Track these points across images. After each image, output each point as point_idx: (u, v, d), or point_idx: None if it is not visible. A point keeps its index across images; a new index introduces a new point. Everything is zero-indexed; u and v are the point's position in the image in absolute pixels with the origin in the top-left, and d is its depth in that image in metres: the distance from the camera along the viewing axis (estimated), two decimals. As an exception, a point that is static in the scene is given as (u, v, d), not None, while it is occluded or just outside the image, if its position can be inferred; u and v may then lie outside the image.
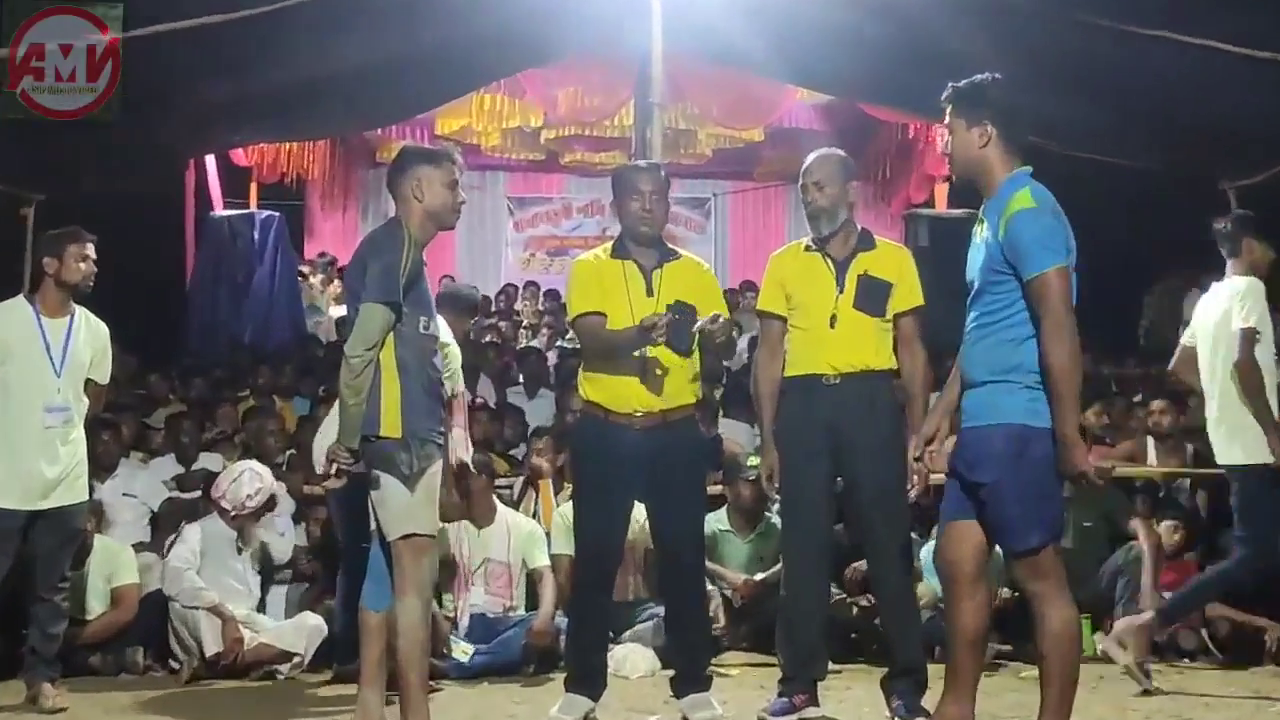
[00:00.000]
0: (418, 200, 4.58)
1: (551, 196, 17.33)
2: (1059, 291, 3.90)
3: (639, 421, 5.01)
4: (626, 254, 5.13)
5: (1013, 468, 3.94)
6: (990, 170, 4.10)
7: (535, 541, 6.75)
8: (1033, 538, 3.97)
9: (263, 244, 12.31)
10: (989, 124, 4.07)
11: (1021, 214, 3.96)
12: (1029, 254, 3.92)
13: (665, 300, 5.02)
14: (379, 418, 4.44)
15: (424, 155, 4.68)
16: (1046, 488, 3.98)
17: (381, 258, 4.46)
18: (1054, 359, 3.88)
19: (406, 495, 4.43)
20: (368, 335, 4.40)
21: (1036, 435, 3.94)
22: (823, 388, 5.00)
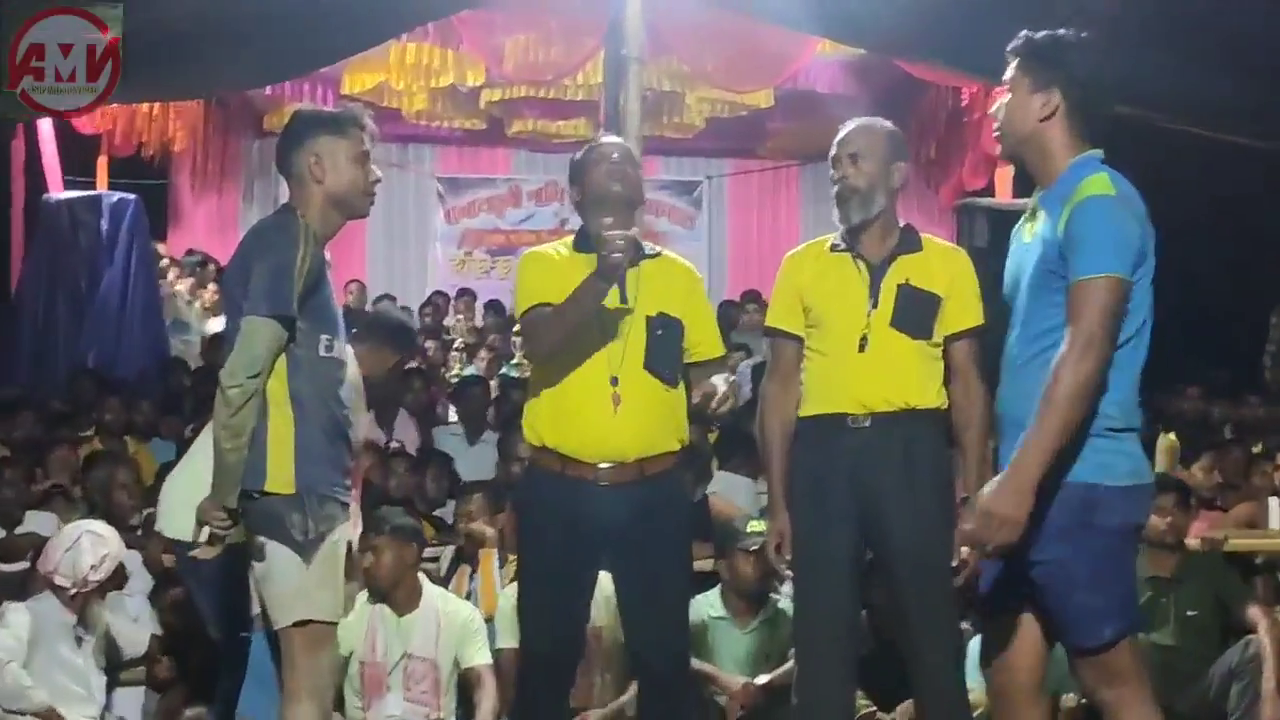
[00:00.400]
0: (316, 181, 4.59)
1: (494, 178, 17.40)
2: (1105, 306, 3.94)
3: (606, 475, 4.98)
4: (591, 247, 5.01)
5: (1078, 541, 3.97)
6: (1049, 150, 4.16)
7: (472, 633, 6.73)
8: (1105, 630, 4.01)
9: (113, 236, 12.27)
10: (1058, 90, 4.12)
11: (1095, 200, 4.00)
12: (1086, 249, 3.96)
13: (643, 310, 5.00)
14: (264, 468, 4.45)
15: (322, 121, 4.69)
16: (1120, 565, 4.04)
17: (269, 257, 4.46)
18: (1063, 381, 3.91)
19: (300, 569, 4.44)
20: (251, 359, 4.41)
21: (1107, 498, 3.99)
22: (848, 431, 4.99)
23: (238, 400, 4.38)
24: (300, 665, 4.45)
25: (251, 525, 4.48)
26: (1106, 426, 4.01)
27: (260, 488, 4.44)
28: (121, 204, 12.45)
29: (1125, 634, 4.03)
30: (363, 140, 4.66)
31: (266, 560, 4.46)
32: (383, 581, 6.56)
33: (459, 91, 15.30)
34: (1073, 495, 3.98)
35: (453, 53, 14.36)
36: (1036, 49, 4.18)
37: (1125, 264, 3.97)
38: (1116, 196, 4.02)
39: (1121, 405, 4.07)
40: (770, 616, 6.92)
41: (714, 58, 13.75)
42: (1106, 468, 4.00)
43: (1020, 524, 3.91)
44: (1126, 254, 3.98)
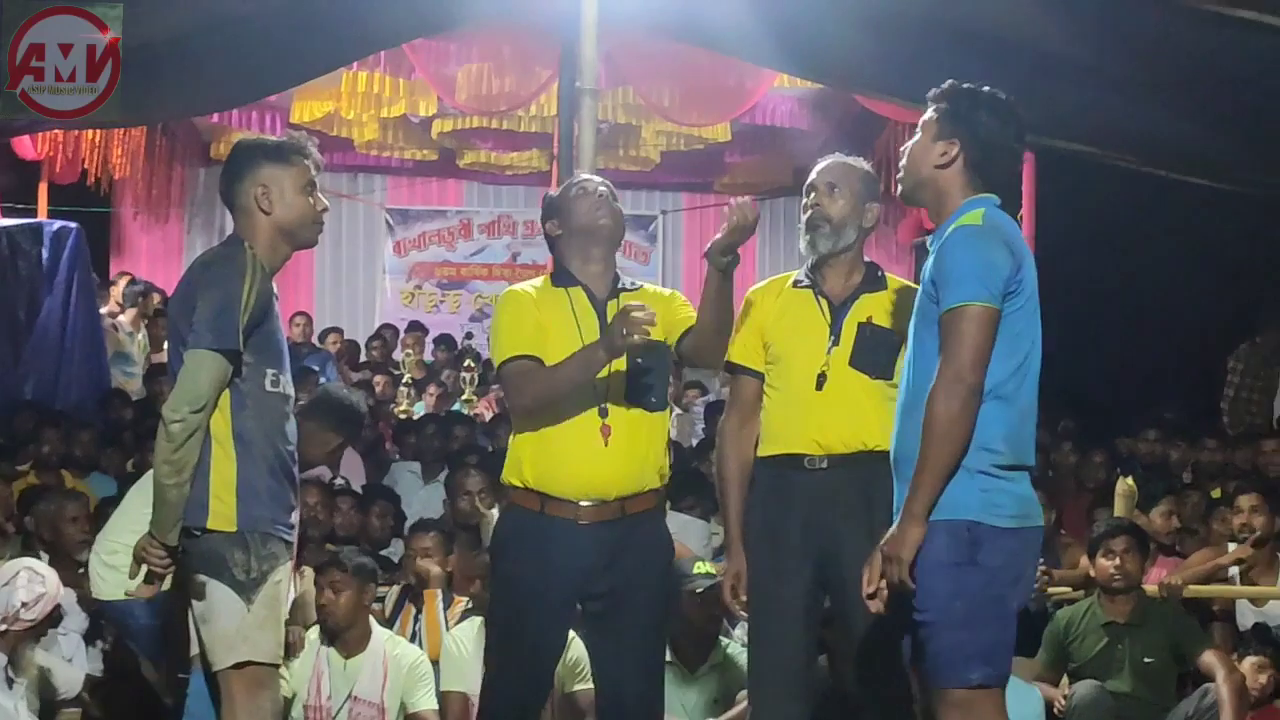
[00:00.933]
0: (264, 212, 4.58)
1: (445, 209, 17.36)
2: (974, 336, 3.99)
3: (587, 513, 4.92)
4: (572, 279, 5.05)
5: (958, 577, 4.00)
6: (944, 194, 4.25)
7: (419, 678, 6.70)
8: (972, 673, 4.02)
9: (54, 265, 12.18)
10: (959, 143, 4.21)
11: (959, 231, 4.09)
12: (952, 279, 4.03)
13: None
14: (207, 504, 4.41)
15: (266, 151, 4.67)
16: (999, 611, 4.05)
17: (215, 290, 4.44)
18: (936, 413, 3.97)
19: (241, 609, 4.41)
20: (195, 394, 4.37)
21: (991, 537, 4.02)
22: (805, 473, 4.97)
23: (180, 435, 4.35)
24: (240, 707, 4.42)
25: (192, 564, 4.44)
26: (994, 463, 4.04)
27: (202, 525, 4.41)
28: (63, 232, 12.35)
29: (992, 683, 4.05)
30: (308, 169, 4.64)
31: (206, 600, 4.43)
32: (340, 621, 6.53)
33: (410, 121, 15.29)
34: (957, 531, 4.01)
35: (405, 82, 14.36)
36: (951, 99, 4.27)
37: (990, 292, 4.02)
38: (983, 227, 4.10)
39: (1009, 440, 4.10)
40: (719, 662, 6.89)
41: (670, 91, 13.79)
42: (993, 506, 4.04)
43: (905, 560, 3.96)
44: (992, 282, 4.03)
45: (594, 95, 8.64)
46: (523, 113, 14.31)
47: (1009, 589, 4.07)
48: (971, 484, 4.03)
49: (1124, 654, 7.00)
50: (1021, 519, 4.11)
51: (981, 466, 4.04)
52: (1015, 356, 4.12)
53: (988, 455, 4.05)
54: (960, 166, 4.21)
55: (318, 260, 16.31)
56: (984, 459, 4.04)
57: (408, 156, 16.29)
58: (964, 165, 4.21)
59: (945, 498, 4.01)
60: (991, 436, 4.04)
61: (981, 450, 4.04)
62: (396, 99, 14.54)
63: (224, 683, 4.45)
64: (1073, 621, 7.14)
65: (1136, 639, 6.98)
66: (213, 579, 4.42)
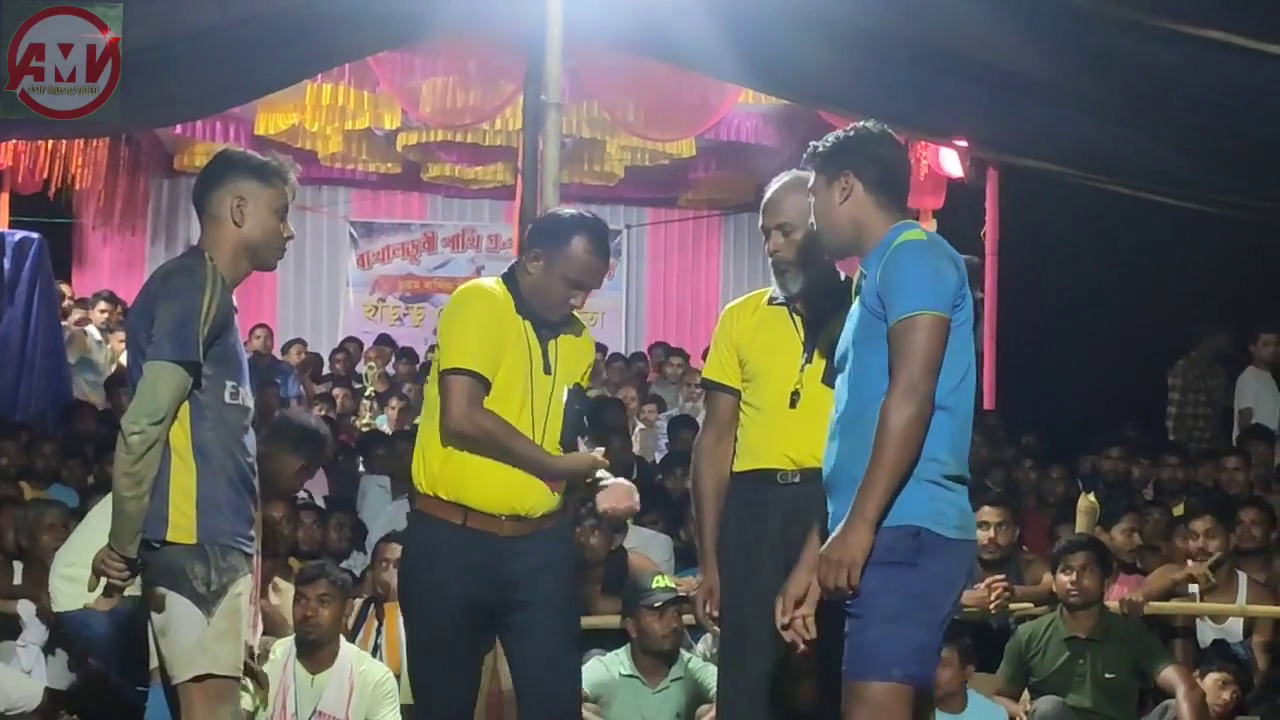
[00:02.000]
0: (235, 224, 4.57)
1: (409, 223, 17.36)
2: (926, 344, 4.05)
3: (508, 529, 4.99)
4: (528, 311, 5.08)
5: (895, 576, 4.03)
6: (864, 223, 4.31)
7: (384, 695, 6.68)
8: (894, 669, 4.04)
9: (15, 275, 12.14)
10: (851, 173, 4.30)
11: (906, 245, 4.17)
12: (903, 290, 4.09)
13: (562, 380, 5.05)
14: (166, 516, 4.40)
15: (252, 167, 4.66)
16: (930, 614, 4.09)
17: (175, 301, 4.43)
18: (889, 422, 4.02)
19: (201, 622, 4.40)
20: (155, 405, 4.36)
21: (934, 545, 4.07)
22: (778, 488, 4.99)
23: (139, 447, 4.34)
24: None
25: (151, 576, 4.43)
26: (942, 473, 4.11)
27: (161, 537, 4.40)
28: (25, 243, 12.31)
29: (911, 683, 4.08)
30: (284, 195, 4.65)
31: (166, 612, 4.42)
32: (324, 635, 6.54)
33: (375, 134, 15.28)
34: (902, 536, 4.05)
35: (369, 94, 14.35)
36: (825, 148, 4.38)
37: (941, 302, 4.09)
38: (928, 241, 4.20)
39: (954, 452, 4.17)
40: (681, 675, 6.90)
41: (635, 106, 13.82)
42: (939, 515, 4.09)
43: (858, 565, 4.00)
44: (942, 292, 4.10)
45: (559, 109, 8.64)
46: (487, 126, 14.31)
47: (943, 595, 4.12)
48: (921, 493, 4.08)
49: (1085, 669, 7.02)
50: (962, 531, 4.18)
51: (930, 476, 4.10)
52: (958, 369, 4.18)
53: (935, 465, 4.10)
54: (863, 192, 4.30)
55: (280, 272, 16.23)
56: (932, 469, 4.10)
57: (372, 169, 16.28)
58: (866, 189, 4.29)
59: (894, 505, 4.07)
60: (937, 447, 4.10)
61: (929, 460, 4.09)
62: (361, 112, 14.52)
63: (184, 695, 4.43)
64: (1034, 636, 7.16)
65: (1098, 654, 7.01)
66: (172, 591, 4.40)
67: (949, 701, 6.57)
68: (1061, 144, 9.07)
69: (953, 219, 13.60)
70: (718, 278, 17.36)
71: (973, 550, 4.30)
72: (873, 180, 4.30)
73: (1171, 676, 7.03)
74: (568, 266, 5.04)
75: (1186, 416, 11.78)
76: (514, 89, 11.96)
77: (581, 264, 5.05)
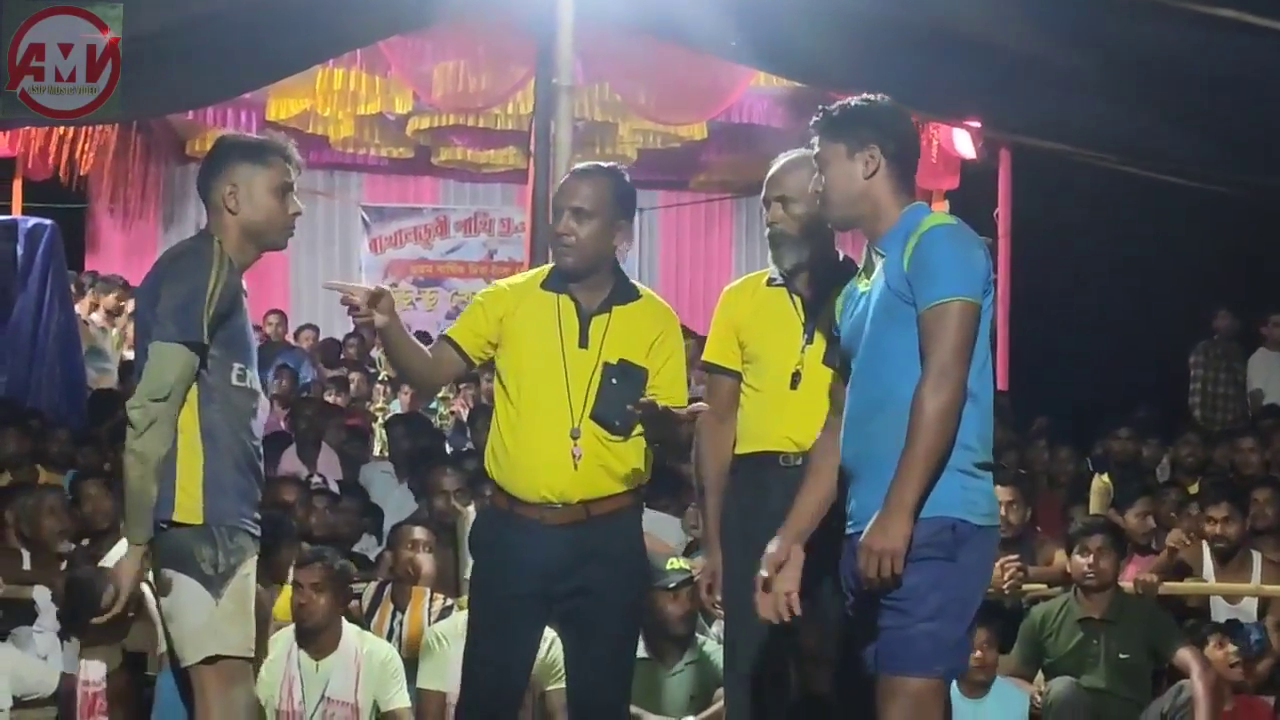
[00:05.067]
0: (230, 211, 4.55)
1: (421, 207, 17.36)
2: (960, 330, 4.02)
3: (551, 516, 4.92)
4: (562, 286, 4.99)
5: (936, 572, 4.02)
6: (881, 203, 4.25)
7: (391, 674, 6.69)
8: (937, 664, 4.05)
9: (28, 262, 12.14)
10: (876, 147, 4.22)
11: (939, 228, 4.12)
12: (935, 276, 4.04)
13: (603, 356, 4.93)
14: (173, 498, 4.39)
15: (244, 149, 4.64)
16: (967, 608, 4.10)
17: (181, 282, 4.43)
18: (925, 409, 3.98)
19: (210, 604, 4.39)
20: (158, 383, 4.36)
21: (970, 535, 4.06)
22: (781, 470, 4.97)
23: (141, 422, 4.34)
24: (214, 703, 4.40)
25: (159, 558, 4.43)
26: (972, 462, 4.09)
27: (169, 518, 4.39)
28: (38, 229, 12.30)
29: (950, 677, 4.12)
30: (286, 171, 4.61)
31: (174, 595, 4.42)
32: (319, 622, 6.53)
33: (386, 119, 15.27)
34: (941, 529, 4.03)
35: (380, 79, 14.34)
36: (846, 116, 4.28)
37: (973, 288, 4.06)
38: (959, 226, 4.16)
39: (981, 438, 4.15)
40: (696, 658, 6.90)
41: (647, 89, 13.80)
42: (972, 504, 4.08)
43: (900, 554, 3.96)
44: (974, 279, 4.07)
45: (570, 92, 8.65)
46: (499, 110, 14.31)
47: (978, 587, 4.14)
48: (954, 482, 4.06)
49: (1099, 650, 7.01)
50: (991, 517, 4.16)
51: (962, 465, 4.07)
52: (980, 355, 4.16)
53: (967, 453, 4.08)
54: (886, 171, 4.23)
55: (293, 258, 16.28)
56: (963, 457, 4.08)
57: (383, 154, 16.28)
58: (888, 168, 4.23)
59: (930, 495, 4.05)
60: (967, 434, 4.08)
61: (960, 449, 4.07)
62: (372, 96, 14.53)
63: (196, 679, 4.42)
64: (1048, 618, 7.15)
65: (1112, 635, 7.00)
66: (180, 573, 4.40)
67: (975, 686, 6.58)
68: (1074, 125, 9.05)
69: (965, 200, 13.59)
70: (730, 260, 17.34)
71: (998, 535, 4.28)
72: (894, 157, 4.24)
73: (1186, 657, 7.02)
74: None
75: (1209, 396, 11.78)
76: (525, 73, 11.96)
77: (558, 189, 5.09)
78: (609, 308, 4.98)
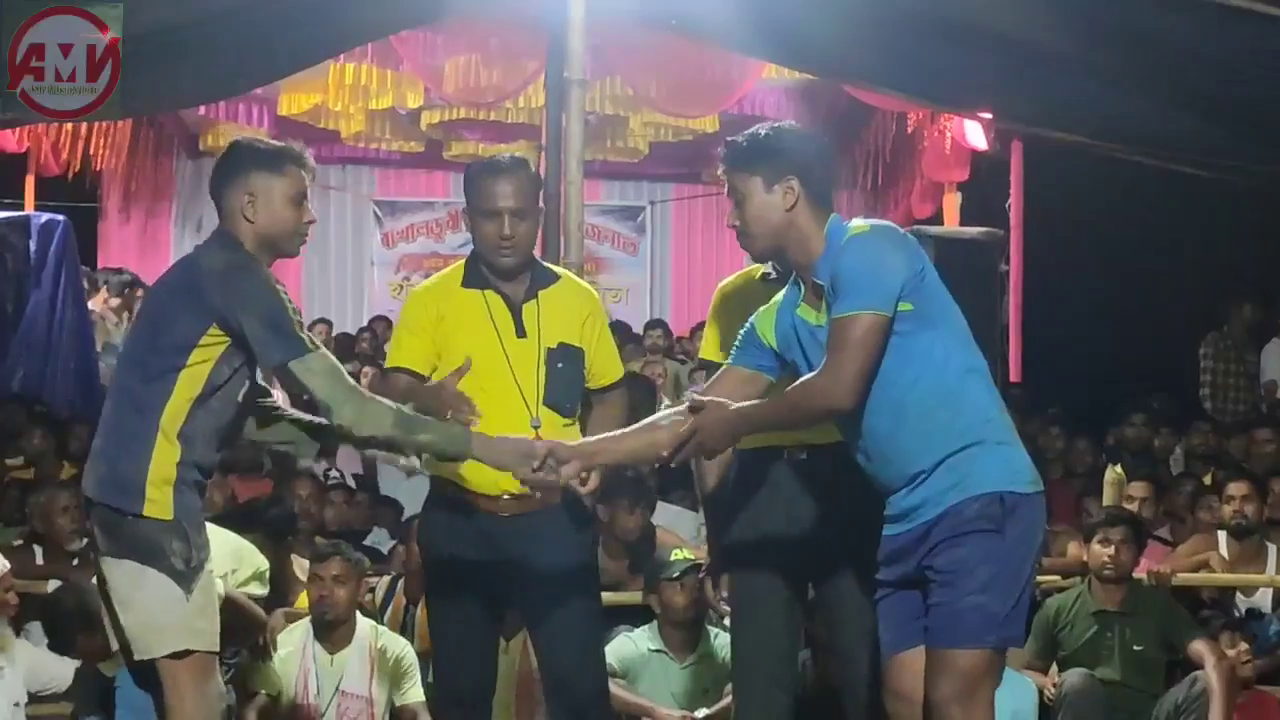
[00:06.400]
0: (248, 220, 4.53)
1: (433, 201, 17.34)
2: (862, 344, 4.09)
3: (508, 506, 4.97)
4: (485, 282, 5.05)
5: (985, 545, 4.07)
6: (805, 232, 4.31)
7: (405, 669, 6.71)
8: (989, 635, 4.09)
9: (41, 259, 12.16)
10: (795, 179, 4.29)
11: (851, 241, 4.19)
12: (847, 288, 4.12)
13: (543, 343, 5.00)
14: (143, 491, 4.38)
15: (261, 157, 4.59)
16: (1018, 578, 4.15)
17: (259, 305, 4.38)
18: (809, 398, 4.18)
19: (181, 598, 4.38)
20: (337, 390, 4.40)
21: (1015, 504, 4.11)
22: (785, 465, 5.00)
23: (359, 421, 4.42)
24: (189, 696, 4.40)
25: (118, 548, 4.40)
26: (1004, 429, 4.18)
27: (137, 511, 4.38)
28: (50, 225, 12.33)
29: (1005, 646, 4.18)
30: (301, 179, 4.58)
31: (136, 587, 4.39)
32: (340, 614, 6.56)
33: (398, 113, 15.26)
34: (990, 503, 4.09)
35: (392, 73, 14.32)
36: (757, 147, 4.37)
37: (880, 299, 4.10)
38: (872, 232, 4.21)
39: (999, 406, 4.25)
40: (708, 650, 6.91)
41: (659, 82, 13.78)
42: (1015, 474, 4.15)
43: (714, 449, 4.34)
44: (882, 289, 4.11)
45: (582, 86, 8.62)
46: (510, 104, 14.28)
47: (1028, 556, 4.18)
48: (994, 456, 4.13)
49: (1114, 642, 7.02)
50: (1035, 483, 4.23)
51: (997, 438, 4.15)
52: (957, 329, 4.25)
53: (994, 424, 4.17)
54: (806, 200, 4.29)
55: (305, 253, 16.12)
56: (994, 429, 4.16)
57: (395, 148, 16.26)
58: (808, 196, 4.29)
59: (971, 475, 4.12)
60: (987, 405, 4.18)
61: (986, 422, 4.16)
62: (384, 91, 14.50)
63: (167, 673, 4.41)
64: (1062, 609, 7.16)
65: (1126, 627, 7.00)
66: (147, 566, 4.37)
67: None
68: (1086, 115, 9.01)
69: (978, 191, 13.57)
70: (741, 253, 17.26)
71: (1043, 500, 4.30)
72: (814, 186, 4.31)
73: (1200, 649, 7.03)
74: (476, 212, 5.03)
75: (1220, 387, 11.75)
76: (537, 66, 11.94)
77: (481, 192, 5.02)
78: (534, 294, 5.05)
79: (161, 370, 4.43)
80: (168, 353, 4.44)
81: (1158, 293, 12.94)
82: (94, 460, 4.53)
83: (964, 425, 4.15)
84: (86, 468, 4.56)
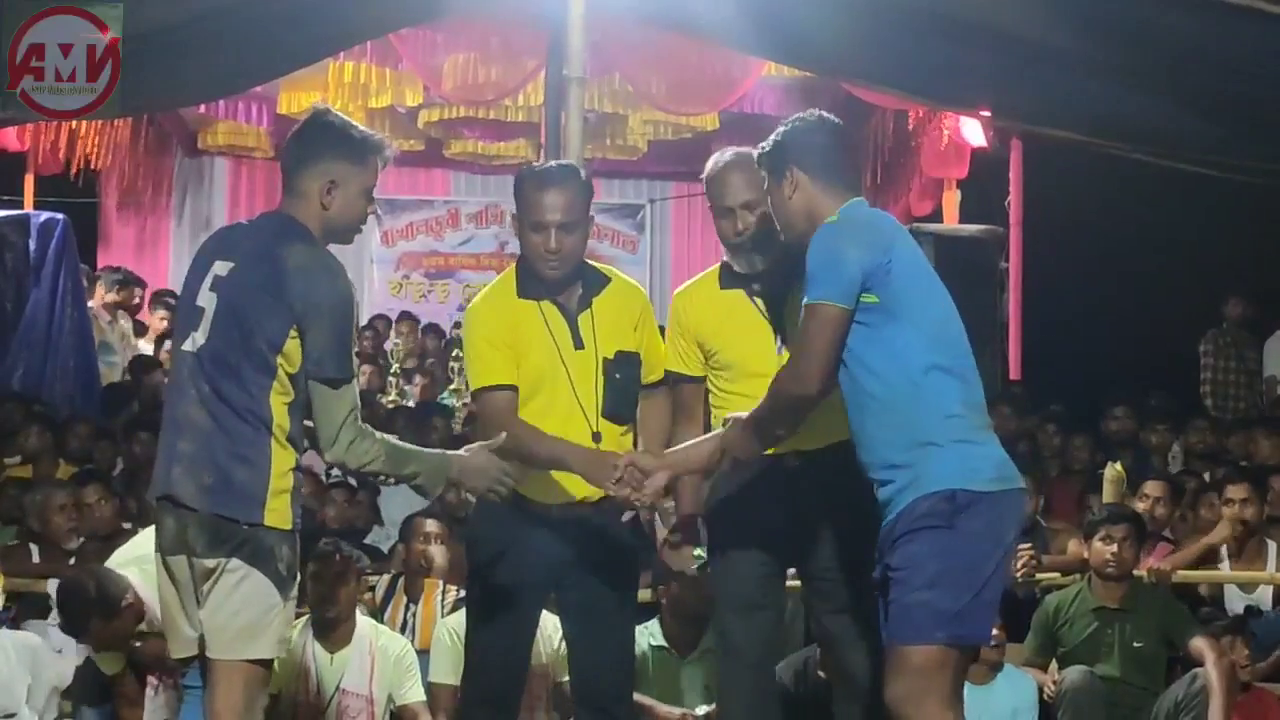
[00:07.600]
0: (323, 207, 4.43)
1: (433, 199, 17.33)
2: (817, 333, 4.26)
3: (557, 511, 4.99)
4: (540, 292, 5.00)
5: (933, 541, 4.11)
6: (813, 213, 4.43)
7: (405, 668, 6.71)
8: (938, 631, 4.10)
9: (41, 257, 12.15)
10: (794, 168, 4.45)
11: (821, 230, 4.33)
12: (809, 278, 4.28)
13: (602, 353, 4.98)
14: (264, 501, 4.29)
15: (348, 145, 4.48)
16: (973, 574, 4.14)
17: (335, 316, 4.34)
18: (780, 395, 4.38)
19: (279, 604, 4.34)
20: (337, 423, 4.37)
21: (969, 502, 4.13)
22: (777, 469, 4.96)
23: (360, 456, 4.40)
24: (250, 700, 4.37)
25: (226, 549, 4.29)
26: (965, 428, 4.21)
27: (258, 521, 4.29)
28: (50, 224, 12.32)
29: (958, 643, 4.15)
30: (377, 172, 4.53)
31: (238, 588, 4.30)
32: (341, 613, 6.56)
33: (397, 111, 15.25)
34: (938, 501, 4.13)
35: (391, 72, 14.32)
36: (768, 148, 4.58)
37: (837, 290, 4.22)
38: (837, 223, 4.32)
39: (967, 403, 4.27)
40: (711, 647, 6.91)
41: (658, 80, 13.77)
42: (972, 472, 4.16)
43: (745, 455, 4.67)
44: (838, 280, 4.23)
45: (581, 84, 8.62)
46: (510, 102, 14.28)
47: (986, 553, 4.18)
48: (949, 455, 4.16)
49: (1114, 639, 7.02)
50: (1000, 481, 4.23)
51: (955, 436, 4.18)
52: (926, 326, 4.29)
53: (955, 422, 4.20)
54: (810, 186, 4.44)
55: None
56: (954, 428, 4.19)
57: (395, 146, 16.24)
58: (813, 182, 4.44)
59: (925, 474, 4.16)
60: (950, 403, 4.22)
61: (946, 419, 4.20)
62: (383, 89, 14.51)
63: (232, 673, 4.34)
64: (1062, 606, 7.16)
65: (1126, 624, 7.01)
66: (255, 569, 4.30)
67: (980, 673, 6.58)
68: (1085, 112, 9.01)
69: (977, 189, 13.56)
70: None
71: (1019, 498, 4.34)
72: (816, 168, 4.45)
73: (1200, 646, 7.03)
74: (525, 221, 4.98)
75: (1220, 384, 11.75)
76: (536, 64, 11.95)
77: (529, 202, 4.97)
78: (589, 302, 5.03)
79: (259, 374, 4.31)
80: (263, 355, 4.32)
81: (1157, 290, 12.95)
82: (190, 469, 4.33)
83: (922, 421, 4.20)
84: (172, 475, 4.35)
